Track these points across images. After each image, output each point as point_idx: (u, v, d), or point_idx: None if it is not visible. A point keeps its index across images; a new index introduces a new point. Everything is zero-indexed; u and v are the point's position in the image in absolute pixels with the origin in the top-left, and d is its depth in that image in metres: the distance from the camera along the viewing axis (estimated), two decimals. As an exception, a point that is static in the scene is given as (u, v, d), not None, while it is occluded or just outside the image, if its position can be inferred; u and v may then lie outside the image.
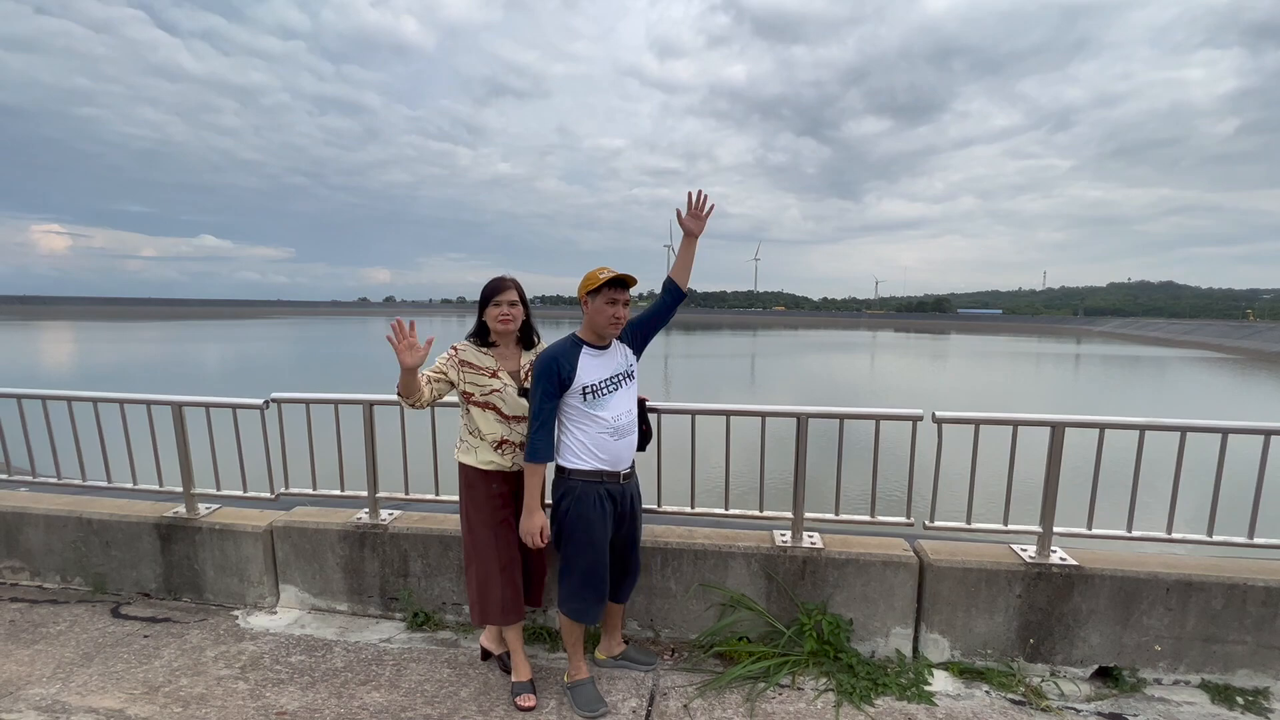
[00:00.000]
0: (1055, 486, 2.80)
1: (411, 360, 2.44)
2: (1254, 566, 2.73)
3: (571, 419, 2.53)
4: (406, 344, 2.45)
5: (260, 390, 3.33)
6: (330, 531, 3.27)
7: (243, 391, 3.32)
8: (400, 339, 2.44)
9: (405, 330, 2.44)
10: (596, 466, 2.50)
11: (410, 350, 2.45)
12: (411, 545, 3.20)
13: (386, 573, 3.25)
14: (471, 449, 2.65)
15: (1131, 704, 2.64)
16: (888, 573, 2.86)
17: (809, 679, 2.77)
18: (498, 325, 2.61)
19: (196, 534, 3.38)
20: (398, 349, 2.43)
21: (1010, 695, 2.68)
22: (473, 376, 2.61)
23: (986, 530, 2.89)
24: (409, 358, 2.44)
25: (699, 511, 3.10)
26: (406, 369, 2.45)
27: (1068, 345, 61.04)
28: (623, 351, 2.61)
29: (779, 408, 2.97)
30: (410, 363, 2.44)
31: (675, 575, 3.02)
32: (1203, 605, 2.68)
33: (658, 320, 2.67)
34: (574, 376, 2.47)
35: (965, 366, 35.21)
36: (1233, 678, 2.70)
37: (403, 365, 2.44)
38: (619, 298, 2.47)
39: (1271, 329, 65.43)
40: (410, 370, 2.46)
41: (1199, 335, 70.21)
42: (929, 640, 2.87)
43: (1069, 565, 2.75)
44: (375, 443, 3.26)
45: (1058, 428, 2.76)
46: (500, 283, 2.62)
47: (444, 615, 3.22)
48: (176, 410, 3.34)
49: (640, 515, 2.71)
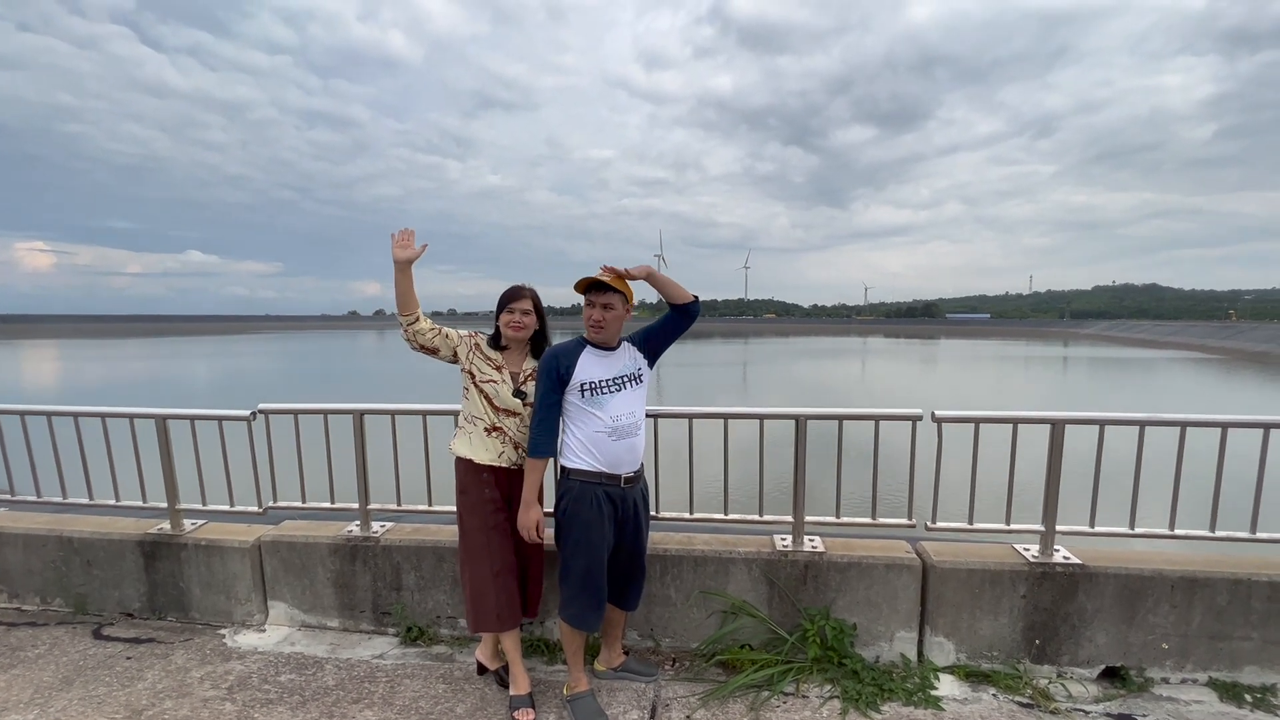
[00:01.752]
0: (1057, 484, 2.77)
1: (403, 254, 2.53)
2: (1257, 561, 2.71)
3: (570, 416, 2.51)
4: (401, 239, 2.56)
5: (248, 404, 3.25)
6: (320, 545, 3.19)
7: (230, 405, 3.24)
8: (395, 239, 2.57)
9: (406, 232, 2.58)
10: (595, 467, 2.46)
11: (403, 246, 2.56)
12: (404, 558, 3.13)
13: (379, 586, 3.16)
14: (466, 436, 2.66)
15: (1140, 704, 2.61)
16: (891, 576, 2.82)
17: (813, 686, 2.71)
18: (509, 331, 2.63)
19: (181, 551, 3.28)
20: (394, 245, 2.54)
21: (1018, 698, 2.64)
22: (480, 361, 2.64)
23: (988, 530, 2.86)
24: (401, 251, 2.53)
25: (698, 517, 3.05)
26: (398, 263, 2.52)
27: (1055, 348, 61.67)
28: (631, 355, 2.58)
29: (777, 409, 2.93)
30: (401, 255, 2.52)
31: (675, 583, 2.96)
32: (1208, 602, 2.65)
33: (664, 332, 2.63)
34: (572, 373, 2.46)
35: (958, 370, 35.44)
36: (1240, 675, 2.68)
37: (395, 259, 2.54)
38: (597, 301, 2.45)
39: (1254, 329, 66.52)
40: (402, 268, 2.53)
41: (1184, 336, 71.17)
42: (934, 643, 2.83)
43: (1073, 564, 2.72)
44: (366, 453, 3.19)
45: (1058, 425, 2.74)
46: (517, 291, 2.65)
47: (439, 629, 3.14)
48: (160, 423, 3.26)
49: (646, 523, 2.66)
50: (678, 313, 2.59)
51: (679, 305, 2.57)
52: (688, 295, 2.56)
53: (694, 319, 2.59)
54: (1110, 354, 51.05)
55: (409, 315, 2.58)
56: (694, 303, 2.58)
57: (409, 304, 2.57)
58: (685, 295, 2.56)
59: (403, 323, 2.59)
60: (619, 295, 2.46)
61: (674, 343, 2.67)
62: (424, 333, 2.60)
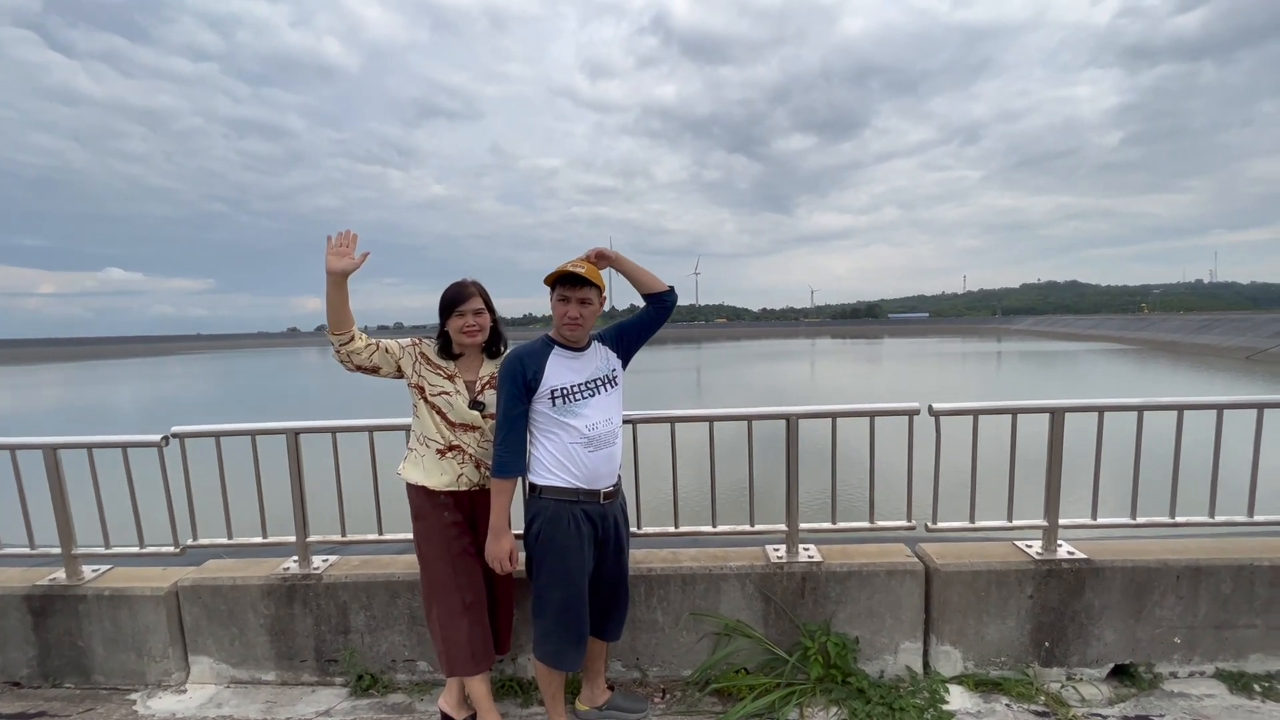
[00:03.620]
0: (1058, 476, 2.64)
1: (337, 264, 2.13)
2: (1259, 546, 2.65)
3: (540, 428, 2.20)
4: (337, 246, 2.15)
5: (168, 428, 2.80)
6: (251, 587, 2.76)
7: (152, 431, 2.76)
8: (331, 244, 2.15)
9: (345, 237, 2.16)
10: (570, 483, 2.16)
11: (339, 254, 2.14)
12: (352, 596, 2.73)
13: (322, 630, 2.76)
14: (418, 460, 2.32)
15: (1153, 702, 2.49)
16: (893, 583, 2.62)
17: (817, 710, 2.48)
18: (463, 338, 2.29)
19: (80, 604, 2.78)
20: (328, 251, 2.13)
21: (1032, 707, 2.47)
22: (428, 372, 2.31)
23: (989, 528, 2.71)
24: (336, 260, 2.13)
25: (684, 531, 2.78)
26: (332, 274, 2.13)
27: (990, 344, 64.68)
28: (603, 355, 2.30)
29: (766, 409, 2.70)
30: (336, 266, 2.13)
31: (662, 605, 2.68)
32: (1213, 590, 2.56)
33: (639, 328, 2.36)
34: (540, 379, 2.15)
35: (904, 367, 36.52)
36: (1246, 664, 2.60)
37: (328, 270, 2.12)
38: (570, 295, 2.15)
39: (1164, 320, 71.59)
40: (336, 281, 2.14)
41: (1103, 329, 75.87)
42: (940, 653, 2.65)
43: (1079, 559, 2.59)
44: (303, 478, 2.79)
45: (1057, 413, 2.61)
46: (462, 290, 2.30)
47: (394, 675, 2.76)
48: (50, 455, 2.76)
49: (627, 542, 2.37)
50: (653, 304, 2.33)
51: (653, 295, 2.31)
52: (661, 284, 2.31)
53: (670, 311, 2.34)
54: (1040, 347, 53.83)
55: (342, 334, 2.22)
56: (669, 292, 2.32)
57: (342, 321, 2.20)
58: (659, 284, 2.30)
59: (334, 343, 2.22)
60: (594, 289, 2.17)
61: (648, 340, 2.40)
62: (359, 352, 2.25)
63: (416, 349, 2.34)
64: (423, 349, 2.35)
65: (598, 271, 2.20)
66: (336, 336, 2.22)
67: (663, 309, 2.31)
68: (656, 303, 2.31)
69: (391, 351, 2.31)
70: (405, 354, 2.32)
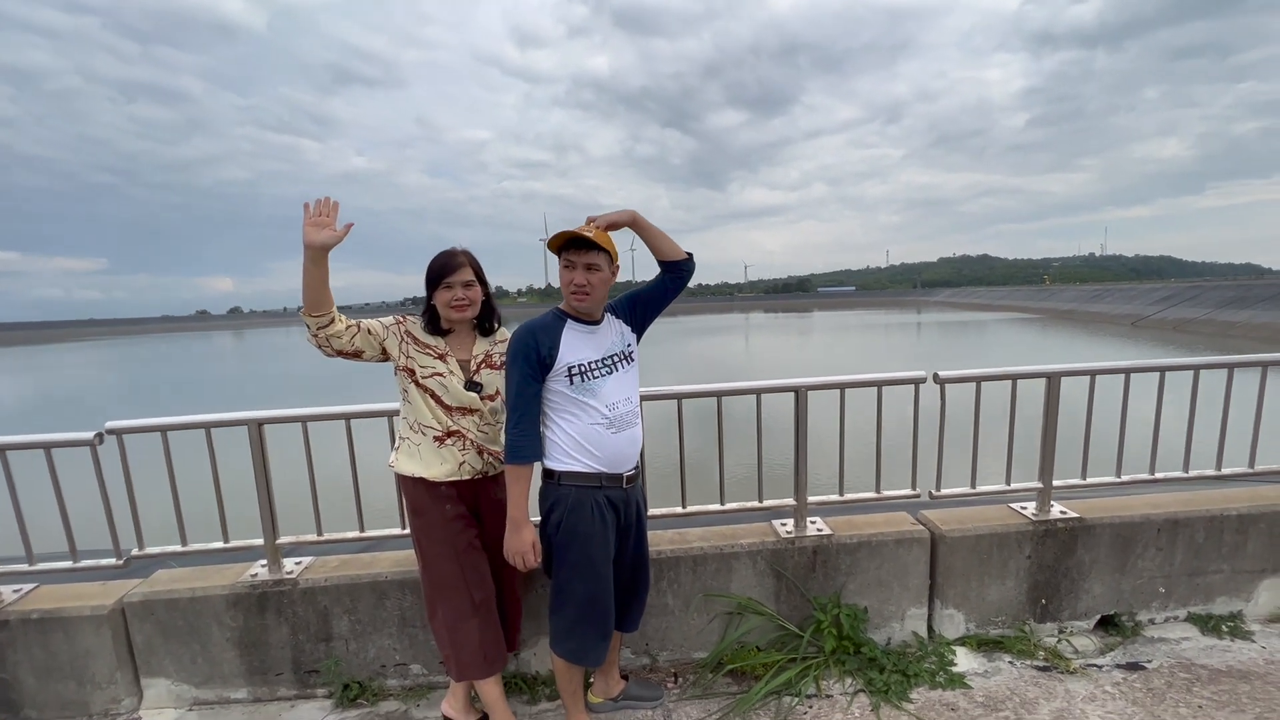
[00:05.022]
0: (1054, 439, 2.71)
1: (317, 236, 1.86)
2: (1229, 496, 2.82)
3: (557, 409, 2.02)
4: (316, 216, 1.87)
5: (80, 425, 2.43)
6: (214, 598, 2.45)
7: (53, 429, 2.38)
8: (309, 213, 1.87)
9: (325, 205, 1.89)
10: (592, 467, 2.01)
11: (318, 225, 1.87)
12: (333, 600, 2.48)
13: (300, 640, 2.50)
14: (413, 449, 2.10)
15: (1139, 649, 2.62)
16: (900, 551, 2.63)
17: (834, 682, 2.47)
18: (451, 313, 2.07)
19: (2, 630, 2.40)
20: (305, 222, 1.87)
21: (1034, 662, 2.56)
22: (417, 352, 2.08)
23: (990, 493, 2.76)
24: (315, 232, 1.86)
25: (691, 511, 2.68)
26: (310, 248, 1.86)
27: (911, 315, 68.29)
28: (618, 329, 2.12)
29: (775, 382, 2.62)
30: (315, 239, 1.85)
31: (672, 588, 2.58)
32: (1188, 540, 2.72)
33: (654, 298, 2.18)
34: (556, 355, 1.97)
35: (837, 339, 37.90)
36: (1213, 606, 2.78)
37: (306, 243, 1.86)
38: (576, 260, 1.96)
39: (1063, 290, 77.78)
40: (316, 256, 1.87)
41: (1010, 300, 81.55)
42: (944, 616, 2.69)
43: (1072, 518, 2.68)
44: (269, 472, 2.49)
45: (1053, 378, 2.67)
46: (450, 259, 2.07)
47: (384, 681, 2.54)
48: (-49, 460, 2.33)
49: (646, 526, 2.24)
50: (670, 273, 2.15)
51: (670, 263, 2.13)
52: (680, 251, 2.14)
53: (687, 280, 2.17)
54: (956, 318, 57.28)
55: (320, 315, 1.94)
56: (688, 260, 2.15)
57: (320, 301, 1.93)
58: (678, 251, 2.13)
59: (311, 325, 1.95)
60: (604, 254, 1.98)
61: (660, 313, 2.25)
62: (340, 336, 1.99)
63: (401, 328, 2.10)
64: (408, 327, 2.11)
65: (608, 235, 2.02)
66: (314, 318, 1.94)
67: (680, 278, 2.14)
68: (674, 272, 2.14)
69: (374, 333, 2.06)
70: (390, 334, 2.08)
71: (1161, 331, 35.61)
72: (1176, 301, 44.35)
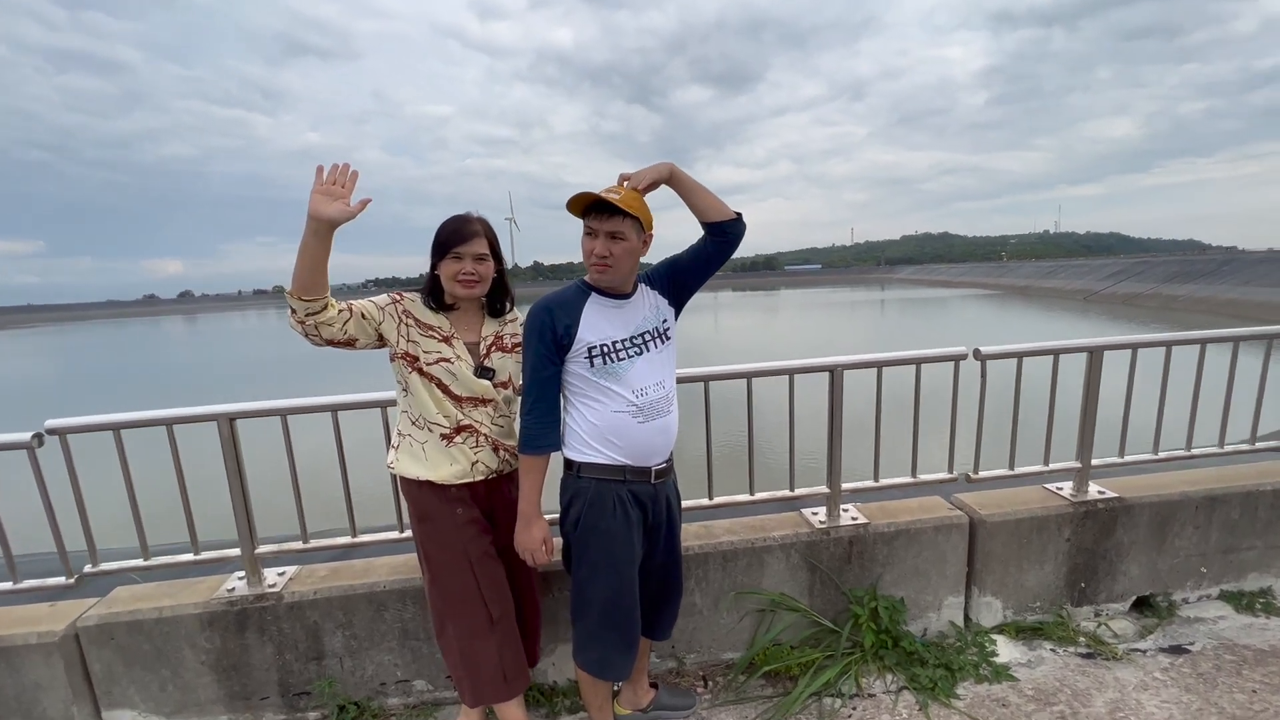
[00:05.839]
0: (1094, 416, 2.58)
1: (327, 208, 1.55)
2: (1263, 470, 2.75)
3: (577, 393, 1.78)
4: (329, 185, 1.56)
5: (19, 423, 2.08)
6: (184, 617, 2.15)
7: None
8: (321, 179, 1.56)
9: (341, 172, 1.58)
10: (616, 459, 1.77)
11: (327, 195, 1.56)
12: (324, 614, 2.21)
13: (288, 659, 2.22)
14: (417, 447, 1.83)
15: (1178, 630, 2.54)
16: (939, 538, 2.48)
17: (873, 679, 2.32)
18: (458, 289, 1.79)
19: (-71, 665, 2.06)
20: (315, 189, 1.55)
21: (1076, 649, 2.45)
22: (417, 334, 1.79)
23: (1024, 474, 2.62)
24: (325, 203, 1.55)
25: (719, 502, 2.48)
26: (316, 220, 1.55)
27: (875, 291, 69.54)
28: (651, 302, 1.87)
29: (808, 361, 2.41)
30: (325, 211, 1.55)
31: (701, 586, 2.38)
32: (1224, 518, 2.64)
33: (694, 266, 1.89)
34: (574, 333, 1.72)
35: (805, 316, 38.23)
36: (1244, 583, 2.72)
37: (312, 213, 1.55)
38: (597, 227, 1.69)
39: (1019, 267, 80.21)
40: (320, 229, 1.57)
41: (970, 276, 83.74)
42: (981, 604, 2.56)
43: (1111, 498, 2.57)
44: (244, 473, 2.18)
45: (1095, 352, 2.53)
46: (463, 226, 1.78)
47: (385, 700, 2.29)
48: None
49: (679, 525, 2.02)
50: (714, 236, 1.84)
51: (715, 224, 1.84)
52: (728, 210, 1.84)
53: (735, 245, 1.87)
54: (919, 294, 58.56)
55: (313, 299, 1.63)
56: (736, 221, 1.84)
57: (317, 284, 1.62)
58: (725, 210, 1.83)
59: (298, 310, 1.63)
60: (632, 220, 1.70)
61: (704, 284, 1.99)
62: (332, 324, 1.68)
63: (399, 307, 1.81)
64: (406, 306, 1.82)
65: (639, 198, 1.75)
66: (305, 302, 1.62)
67: (726, 243, 1.85)
68: (718, 235, 1.84)
69: (369, 316, 1.76)
70: (386, 316, 1.78)
71: (1112, 305, 36.99)
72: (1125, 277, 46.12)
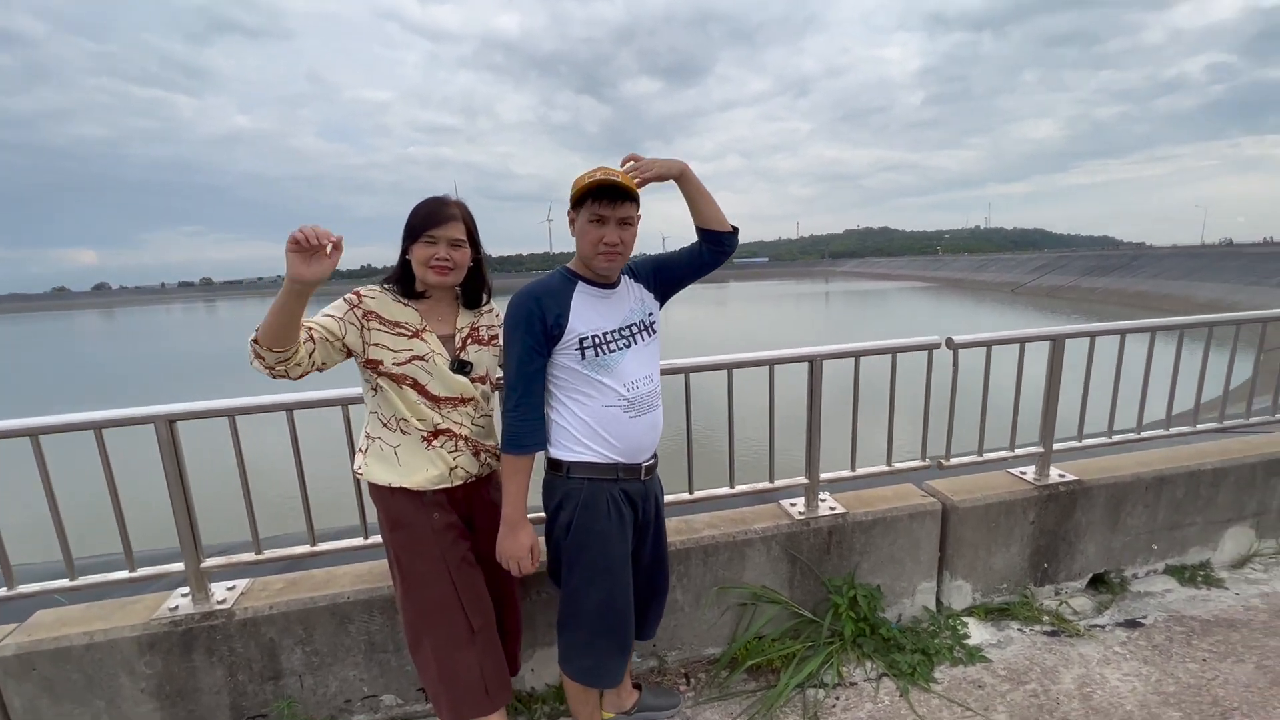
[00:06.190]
0: (1055, 402, 2.66)
1: (308, 272, 1.39)
2: (1203, 451, 2.92)
3: (565, 388, 1.70)
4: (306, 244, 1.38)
5: None
6: (121, 641, 1.94)
7: None
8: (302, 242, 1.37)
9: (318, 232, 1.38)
10: (608, 457, 1.70)
11: (306, 254, 1.39)
12: (281, 630, 2.04)
13: (241, 681, 2.04)
14: (388, 451, 1.69)
15: (1130, 605, 2.67)
16: (914, 525, 2.52)
17: (853, 667, 2.33)
18: (430, 275, 1.65)
19: None
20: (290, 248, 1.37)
21: (1041, 628, 2.54)
22: (383, 335, 1.64)
23: (991, 460, 2.69)
24: (304, 268, 1.38)
25: (699, 496, 2.43)
26: (298, 283, 1.39)
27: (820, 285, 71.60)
28: (637, 294, 1.80)
29: (788, 352, 2.39)
30: (308, 275, 1.39)
31: (683, 582, 2.33)
32: (1170, 496, 2.78)
33: (686, 266, 1.86)
34: (564, 323, 1.64)
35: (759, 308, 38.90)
36: (1185, 557, 2.89)
37: (292, 277, 1.38)
38: (608, 214, 1.62)
39: (954, 261, 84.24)
40: (302, 291, 1.40)
41: (909, 269, 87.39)
42: (952, 588, 2.62)
43: (1071, 481, 2.67)
44: (186, 480, 1.98)
45: (1058, 340, 2.61)
46: (439, 208, 1.65)
47: (350, 717, 2.14)
48: None
49: (665, 521, 1.96)
50: (710, 243, 1.83)
51: (712, 233, 1.82)
52: (727, 223, 1.83)
53: (727, 257, 1.86)
54: (862, 286, 60.63)
55: (283, 350, 1.46)
56: (733, 234, 1.84)
57: (288, 336, 1.45)
58: (724, 220, 1.82)
59: (268, 358, 1.46)
60: (637, 205, 1.67)
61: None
62: (300, 363, 1.52)
63: (358, 311, 1.63)
64: (366, 306, 1.64)
65: (640, 184, 1.69)
66: (275, 353, 1.45)
67: (721, 253, 1.84)
68: (715, 244, 1.82)
69: (332, 335, 1.58)
70: (347, 328, 1.61)
71: (1036, 297, 39.27)
72: (1048, 270, 49.14)
